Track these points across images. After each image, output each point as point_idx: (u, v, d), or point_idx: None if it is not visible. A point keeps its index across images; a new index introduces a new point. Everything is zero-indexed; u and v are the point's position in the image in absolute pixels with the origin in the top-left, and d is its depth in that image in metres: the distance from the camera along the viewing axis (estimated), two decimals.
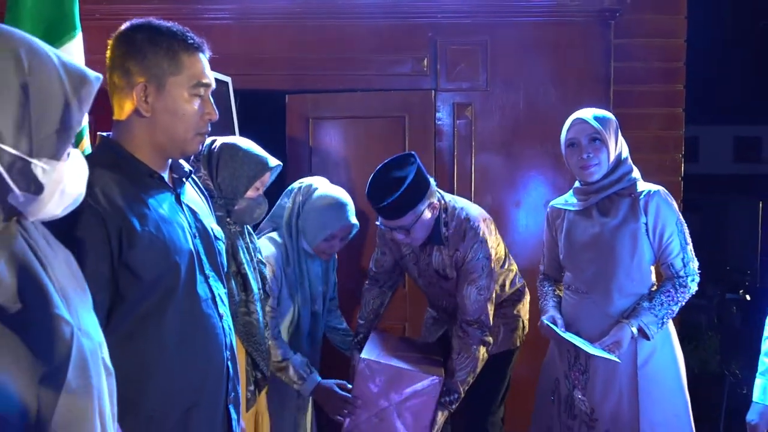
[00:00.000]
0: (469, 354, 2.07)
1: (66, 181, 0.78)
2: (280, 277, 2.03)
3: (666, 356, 1.90)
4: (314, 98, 3.17)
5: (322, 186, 2.18)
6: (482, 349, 2.09)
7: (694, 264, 1.91)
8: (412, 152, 2.13)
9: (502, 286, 2.31)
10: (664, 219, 1.87)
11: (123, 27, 1.24)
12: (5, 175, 0.72)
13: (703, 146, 10.55)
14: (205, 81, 1.24)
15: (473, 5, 3.06)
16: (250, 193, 1.81)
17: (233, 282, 1.66)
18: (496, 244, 2.19)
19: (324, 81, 3.15)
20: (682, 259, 1.88)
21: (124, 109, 1.21)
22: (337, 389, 2.06)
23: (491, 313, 2.12)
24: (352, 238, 2.27)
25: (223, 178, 1.77)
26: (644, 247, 1.89)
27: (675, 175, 3.14)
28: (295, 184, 2.20)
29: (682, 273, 1.88)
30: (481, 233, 2.09)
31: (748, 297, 5.49)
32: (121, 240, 1.10)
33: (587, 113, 1.98)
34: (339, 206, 2.12)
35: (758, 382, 1.83)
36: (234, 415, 1.28)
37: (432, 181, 2.09)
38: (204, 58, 1.26)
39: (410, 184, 1.98)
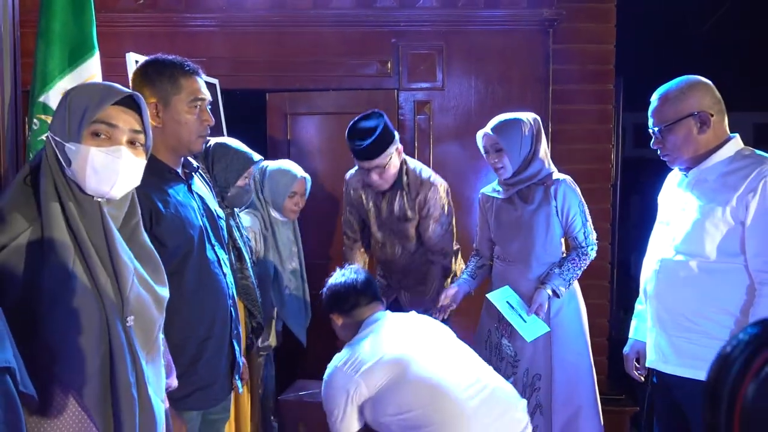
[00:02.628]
0: (433, 276, 2.64)
1: (91, 161, 1.17)
2: (260, 239, 2.47)
3: (572, 309, 2.38)
4: (292, 96, 3.54)
5: (270, 163, 2.65)
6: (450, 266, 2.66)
7: (593, 236, 2.37)
8: (379, 110, 2.64)
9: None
10: (569, 202, 2.32)
11: (139, 64, 1.68)
12: (58, 154, 1.20)
13: None
14: (200, 96, 1.65)
15: (431, 15, 3.46)
16: (240, 183, 2.25)
17: (232, 254, 2.10)
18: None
19: (300, 81, 3.52)
20: (584, 233, 2.33)
21: None
22: None
23: (454, 242, 2.65)
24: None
25: (218, 171, 2.20)
26: (555, 225, 2.34)
27: (606, 162, 3.61)
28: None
29: (583, 244, 2.34)
30: (435, 182, 2.62)
31: None
32: (151, 219, 1.52)
33: (489, 125, 2.36)
34: (288, 169, 2.59)
35: (633, 323, 2.19)
36: (237, 347, 1.72)
37: (396, 133, 2.59)
38: (200, 79, 1.66)
39: (382, 130, 2.48)
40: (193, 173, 1.74)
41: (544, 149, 2.39)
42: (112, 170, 1.17)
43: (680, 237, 1.88)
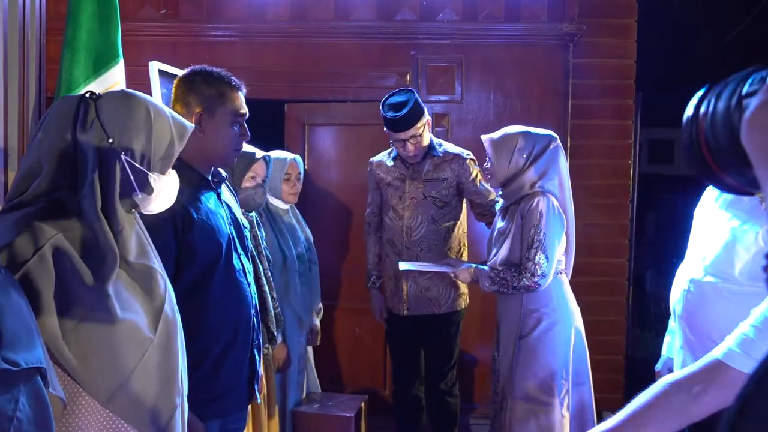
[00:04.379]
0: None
1: (166, 188, 1.21)
2: (262, 228, 2.47)
3: (544, 334, 2.25)
4: (310, 107, 3.55)
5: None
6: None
7: (533, 266, 2.22)
8: (412, 89, 2.79)
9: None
10: (526, 223, 2.25)
11: (186, 72, 1.70)
12: (133, 182, 1.15)
13: (678, 149, 11.01)
14: (242, 111, 1.69)
15: (450, 28, 3.46)
16: (247, 183, 2.24)
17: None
18: None
19: (319, 92, 3.53)
20: (527, 256, 2.24)
21: None
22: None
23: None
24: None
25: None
26: (515, 246, 2.29)
27: (625, 177, 3.58)
28: None
29: (525, 265, 2.24)
30: (462, 153, 2.82)
31: None
32: (183, 225, 1.53)
33: (493, 134, 2.37)
34: (277, 156, 2.64)
35: (666, 339, 2.12)
36: (257, 357, 1.72)
37: (425, 106, 2.74)
38: (242, 94, 1.69)
39: (415, 102, 2.65)
40: (221, 183, 1.75)
41: (543, 172, 2.30)
42: (173, 195, 1.26)
43: (710, 257, 1.83)
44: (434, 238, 2.72)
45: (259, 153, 2.29)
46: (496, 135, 2.36)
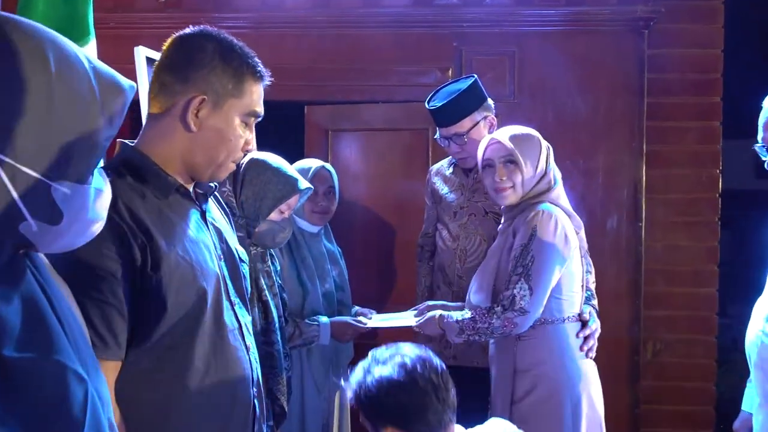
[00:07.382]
0: None
1: (90, 209, 0.65)
2: (284, 254, 2.03)
3: (546, 396, 1.75)
4: (334, 109, 3.11)
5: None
6: None
7: (508, 298, 1.72)
8: (474, 74, 2.31)
9: None
10: (517, 242, 1.78)
11: (193, 30, 1.18)
12: (18, 202, 0.59)
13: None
14: (258, 110, 1.19)
15: (500, 14, 2.98)
16: (274, 216, 1.73)
17: (256, 309, 1.56)
18: None
19: (344, 92, 3.08)
20: (507, 286, 1.74)
21: (162, 110, 1.12)
22: (350, 320, 2.08)
23: None
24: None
25: (247, 196, 1.68)
26: (488, 265, 1.84)
27: (712, 191, 3.00)
28: None
29: (499, 297, 1.75)
30: None
31: None
32: (145, 261, 1.00)
33: (504, 133, 1.89)
34: (301, 165, 2.22)
35: (746, 391, 1.82)
36: None
37: (490, 100, 2.24)
38: (262, 88, 1.21)
39: (465, 91, 2.15)
40: (207, 195, 1.23)
41: (552, 176, 1.90)
42: (102, 220, 0.70)
43: None
44: None
45: (304, 182, 1.77)
46: (510, 132, 1.86)
